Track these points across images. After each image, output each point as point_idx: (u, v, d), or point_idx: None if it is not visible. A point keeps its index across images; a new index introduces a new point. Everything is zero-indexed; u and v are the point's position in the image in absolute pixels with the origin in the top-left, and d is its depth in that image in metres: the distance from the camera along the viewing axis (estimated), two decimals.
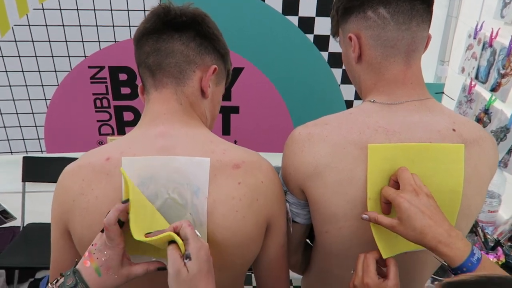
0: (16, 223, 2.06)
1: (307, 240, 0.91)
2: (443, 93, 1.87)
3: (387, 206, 0.70)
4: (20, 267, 1.89)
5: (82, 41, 1.64)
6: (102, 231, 0.63)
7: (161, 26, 0.74)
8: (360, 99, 0.81)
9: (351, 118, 0.74)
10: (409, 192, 0.66)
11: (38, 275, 2.20)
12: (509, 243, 1.47)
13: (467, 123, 0.75)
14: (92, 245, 0.63)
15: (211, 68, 0.77)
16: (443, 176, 0.70)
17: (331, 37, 1.65)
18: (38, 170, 1.91)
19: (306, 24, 1.69)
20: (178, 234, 0.61)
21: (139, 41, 0.76)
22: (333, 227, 0.74)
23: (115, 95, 1.76)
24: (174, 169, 0.68)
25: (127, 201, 0.63)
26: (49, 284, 0.62)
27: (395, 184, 0.70)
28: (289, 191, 0.80)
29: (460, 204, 0.72)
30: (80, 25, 1.61)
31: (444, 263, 0.67)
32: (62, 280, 0.62)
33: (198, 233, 0.63)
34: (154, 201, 0.68)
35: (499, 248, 1.42)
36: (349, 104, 1.83)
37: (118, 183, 0.67)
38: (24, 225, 2.02)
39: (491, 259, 1.39)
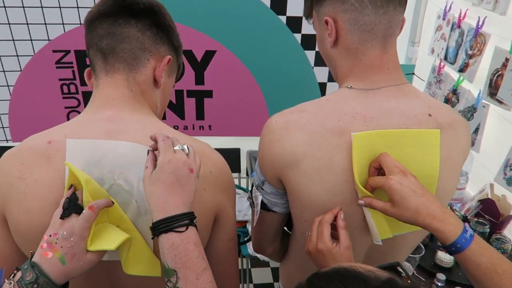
0: None
1: (285, 228, 0.91)
2: (413, 74, 1.90)
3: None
4: None
5: (45, 24, 1.56)
6: (62, 218, 0.61)
7: (118, 10, 0.72)
8: (333, 81, 0.80)
9: (329, 105, 0.73)
10: (397, 174, 0.67)
11: None
12: (475, 219, 1.53)
13: (442, 107, 0.76)
14: (50, 235, 0.60)
15: (166, 58, 0.77)
16: (420, 161, 0.71)
17: (304, 18, 1.64)
18: None
19: (279, 6, 1.66)
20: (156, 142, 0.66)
21: (92, 23, 0.74)
22: (312, 215, 0.74)
23: (83, 81, 1.69)
24: (121, 155, 0.67)
25: (71, 187, 0.64)
26: (5, 280, 0.59)
27: (376, 170, 0.71)
28: (266, 181, 0.79)
29: (436, 188, 0.73)
30: (42, 7, 1.52)
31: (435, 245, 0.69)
32: (20, 274, 0.59)
33: (184, 147, 0.64)
34: (101, 186, 0.66)
35: (466, 224, 1.48)
36: (322, 87, 1.84)
37: (59, 166, 0.65)
38: None
39: None
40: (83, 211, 0.61)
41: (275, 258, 0.96)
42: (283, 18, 1.69)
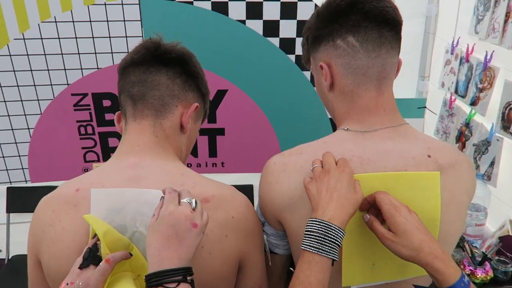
0: (1, 255, 2.02)
1: (291, 268, 0.90)
2: (425, 107, 1.89)
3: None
4: None
5: (64, 69, 1.64)
6: (81, 268, 0.62)
7: (150, 59, 0.76)
8: None
9: (325, 147, 0.74)
10: (403, 208, 0.66)
11: None
12: (496, 257, 1.47)
13: (443, 148, 0.76)
14: (68, 284, 0.61)
15: (193, 105, 0.79)
16: (420, 204, 0.70)
17: None
18: (22, 200, 1.88)
19: (287, 45, 1.71)
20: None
21: (125, 70, 0.77)
22: None
23: (99, 122, 1.75)
24: (144, 202, 0.67)
25: (94, 236, 0.64)
26: None
27: (368, 204, 0.70)
28: (267, 222, 0.79)
29: (439, 231, 0.72)
30: (62, 53, 1.61)
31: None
32: None
33: (191, 201, 0.63)
34: (123, 234, 0.67)
35: (486, 262, 1.42)
36: (333, 122, 1.85)
37: (84, 213, 0.67)
38: (10, 258, 1.98)
39: (480, 274, 1.39)
40: (100, 263, 0.62)
41: None
42: (292, 57, 1.73)
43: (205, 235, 0.67)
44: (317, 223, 0.64)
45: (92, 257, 0.63)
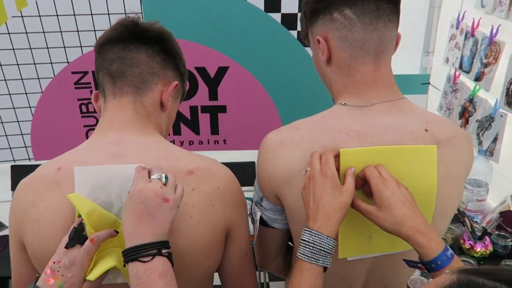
0: (8, 231, 2.06)
1: (289, 242, 0.91)
2: (429, 83, 1.87)
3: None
4: None
5: (64, 47, 1.63)
6: (67, 247, 0.63)
7: (128, 37, 0.75)
8: None
9: (323, 122, 0.73)
10: (392, 182, 0.67)
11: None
12: (496, 232, 1.48)
13: (440, 122, 0.75)
14: (54, 262, 0.63)
15: (173, 83, 0.79)
16: (417, 178, 0.70)
17: None
18: None
19: (289, 21, 1.68)
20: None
21: (102, 48, 0.77)
22: None
23: None
24: (128, 178, 0.67)
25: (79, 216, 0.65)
26: None
27: (361, 181, 0.70)
28: (265, 198, 0.80)
29: (434, 205, 0.72)
30: (61, 31, 1.60)
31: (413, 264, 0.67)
32: None
33: (161, 176, 0.63)
34: (110, 210, 0.68)
35: (486, 237, 1.43)
36: None
37: (68, 192, 0.67)
38: None
39: (479, 249, 1.40)
40: (85, 243, 0.63)
41: (280, 274, 0.96)
42: (294, 33, 1.71)
43: (192, 206, 0.70)
44: (308, 232, 0.66)
45: (77, 236, 0.64)
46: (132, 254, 0.60)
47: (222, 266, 0.80)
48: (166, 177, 0.64)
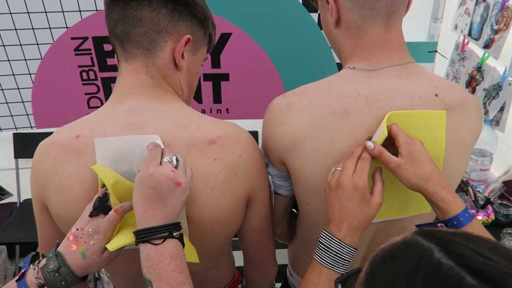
0: (13, 199, 2.08)
1: (293, 209, 0.91)
2: (436, 51, 1.83)
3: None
4: (21, 242, 1.92)
5: (63, 11, 1.59)
6: (91, 216, 0.63)
7: None
8: None
9: (331, 86, 0.72)
10: (416, 139, 0.66)
11: (39, 249, 2.24)
12: (499, 201, 1.48)
13: (450, 87, 0.73)
14: (78, 229, 0.63)
15: (183, 38, 0.71)
16: (425, 143, 0.69)
17: None
18: (29, 146, 1.90)
19: None
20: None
21: (107, 8, 0.71)
22: (315, 199, 0.74)
23: (101, 67, 1.72)
24: (146, 148, 0.66)
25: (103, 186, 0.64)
26: (31, 265, 0.62)
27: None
28: (270, 163, 0.79)
29: (441, 171, 0.71)
30: None
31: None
32: (44, 261, 0.62)
33: (172, 159, 0.62)
34: (131, 180, 0.67)
35: (489, 206, 1.43)
36: (340, 67, 1.79)
37: (89, 162, 0.67)
38: (21, 201, 2.04)
39: (482, 217, 1.41)
40: (109, 213, 0.63)
41: (284, 239, 0.97)
42: None
43: (214, 177, 0.68)
44: (330, 238, 0.66)
45: (102, 206, 0.64)
46: (144, 236, 0.60)
47: (243, 229, 0.80)
48: (177, 159, 0.63)
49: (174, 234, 0.61)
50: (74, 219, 0.65)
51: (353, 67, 0.72)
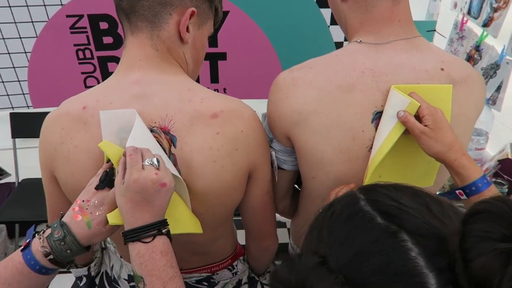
0: (11, 179, 2.07)
1: (295, 185, 0.92)
2: (434, 31, 1.82)
3: None
4: (20, 221, 1.92)
5: None
6: (97, 189, 0.65)
7: None
8: None
9: (337, 60, 0.72)
10: (439, 109, 0.68)
11: (39, 228, 2.24)
12: (493, 179, 1.51)
13: (456, 61, 0.74)
14: (83, 200, 0.65)
15: (188, 11, 0.71)
16: None
17: None
18: (26, 125, 1.89)
19: None
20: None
21: None
22: (320, 173, 0.75)
23: (97, 45, 1.69)
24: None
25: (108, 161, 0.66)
26: (36, 235, 0.64)
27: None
28: (275, 139, 0.79)
29: None
30: None
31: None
32: (49, 231, 0.63)
33: (153, 161, 0.62)
34: None
35: None
36: (339, 46, 1.79)
37: (95, 132, 0.68)
38: (19, 181, 2.04)
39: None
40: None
41: (286, 215, 0.98)
42: None
43: (216, 150, 0.69)
44: None
45: (108, 180, 0.65)
46: (134, 236, 0.61)
47: (244, 204, 0.82)
48: (158, 161, 0.63)
49: (163, 230, 0.63)
50: (81, 188, 0.67)
51: (360, 40, 0.72)
